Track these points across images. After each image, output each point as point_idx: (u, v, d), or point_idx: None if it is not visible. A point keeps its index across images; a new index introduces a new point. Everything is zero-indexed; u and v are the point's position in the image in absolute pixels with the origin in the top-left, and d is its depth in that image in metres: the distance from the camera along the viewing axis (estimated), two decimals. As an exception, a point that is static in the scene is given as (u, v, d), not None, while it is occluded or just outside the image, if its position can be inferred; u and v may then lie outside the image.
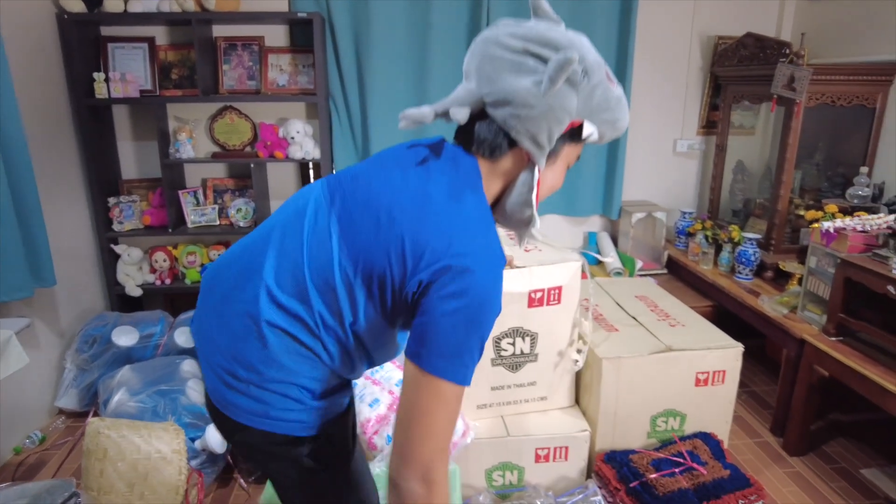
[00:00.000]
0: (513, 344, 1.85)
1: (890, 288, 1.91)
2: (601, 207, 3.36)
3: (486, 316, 0.90)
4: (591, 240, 3.40)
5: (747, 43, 2.85)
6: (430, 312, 0.88)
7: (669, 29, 3.17)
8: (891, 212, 2.46)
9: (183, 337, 2.57)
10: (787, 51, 2.59)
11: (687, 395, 1.89)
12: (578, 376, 1.97)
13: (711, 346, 1.88)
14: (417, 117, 0.96)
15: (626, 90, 3.09)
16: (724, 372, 1.90)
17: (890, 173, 2.63)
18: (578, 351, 1.88)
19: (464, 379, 0.89)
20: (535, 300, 1.82)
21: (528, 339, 1.86)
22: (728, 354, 1.88)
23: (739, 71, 2.93)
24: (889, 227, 2.13)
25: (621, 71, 3.10)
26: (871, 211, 2.56)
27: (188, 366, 2.36)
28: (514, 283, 1.79)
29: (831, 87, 2.57)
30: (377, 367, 1.80)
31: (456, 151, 0.99)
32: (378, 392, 1.70)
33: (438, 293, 0.88)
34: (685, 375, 1.87)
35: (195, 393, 2.22)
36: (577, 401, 2.01)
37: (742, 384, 2.96)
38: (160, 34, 2.92)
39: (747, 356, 3.21)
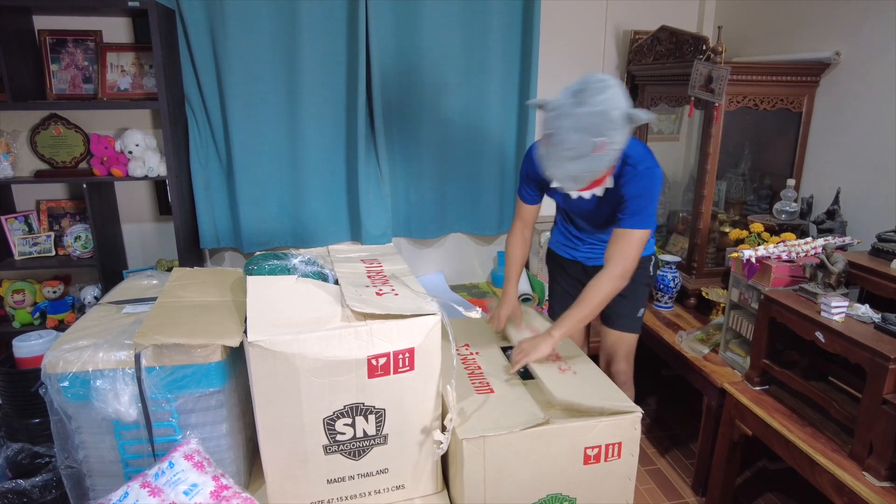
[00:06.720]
0: (352, 425, 1.43)
1: (818, 335, 1.57)
2: (507, 225, 2.97)
3: None
4: (500, 260, 3.02)
5: (662, 37, 2.50)
6: None
7: (581, 23, 2.81)
8: (820, 231, 2.15)
9: None
10: (704, 46, 2.25)
11: (574, 475, 1.51)
12: (446, 455, 1.57)
13: (604, 410, 1.50)
14: None
15: (530, 92, 2.71)
16: (619, 444, 1.52)
17: (818, 185, 2.32)
18: (443, 430, 1.48)
19: None
20: (377, 367, 1.41)
21: (372, 417, 1.45)
22: (622, 423, 1.50)
23: (655, 69, 2.58)
24: (816, 257, 1.80)
25: (526, 70, 2.72)
26: (799, 230, 2.25)
27: None
28: (348, 346, 1.37)
29: (753, 88, 2.24)
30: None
31: None
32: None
33: None
34: (570, 452, 1.49)
35: None
36: (447, 483, 1.61)
37: (664, 427, 2.62)
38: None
39: (670, 389, 2.91)
